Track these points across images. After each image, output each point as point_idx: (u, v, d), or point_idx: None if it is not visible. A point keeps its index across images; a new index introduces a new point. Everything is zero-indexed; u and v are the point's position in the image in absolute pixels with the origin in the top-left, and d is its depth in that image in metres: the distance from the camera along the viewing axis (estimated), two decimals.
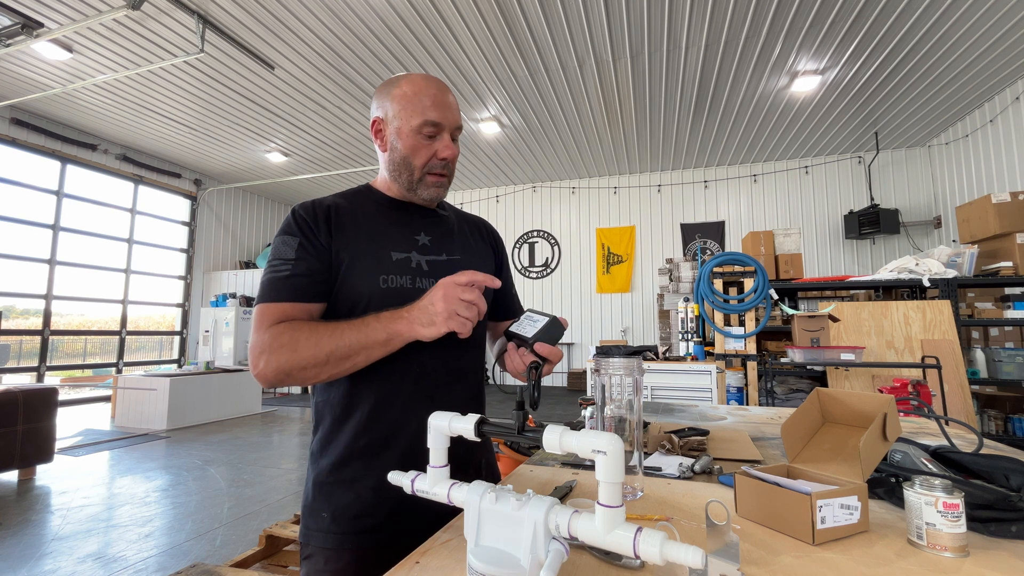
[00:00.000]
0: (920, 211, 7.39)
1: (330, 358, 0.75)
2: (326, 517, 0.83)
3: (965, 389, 2.80)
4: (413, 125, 0.87)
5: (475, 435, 0.62)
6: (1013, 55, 5.00)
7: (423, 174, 0.89)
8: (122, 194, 7.76)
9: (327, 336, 0.75)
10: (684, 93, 5.85)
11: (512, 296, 1.11)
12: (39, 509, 3.03)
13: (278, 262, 0.82)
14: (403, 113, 0.87)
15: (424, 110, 0.86)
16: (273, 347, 0.75)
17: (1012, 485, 0.72)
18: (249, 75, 5.43)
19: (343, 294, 0.84)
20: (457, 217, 1.05)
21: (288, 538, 2.22)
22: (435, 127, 0.87)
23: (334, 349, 0.75)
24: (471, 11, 4.40)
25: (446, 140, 0.89)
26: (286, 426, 5.68)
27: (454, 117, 0.89)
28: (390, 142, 0.90)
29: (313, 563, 0.83)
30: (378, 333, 0.76)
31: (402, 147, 0.88)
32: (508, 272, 1.12)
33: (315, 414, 0.90)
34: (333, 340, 0.75)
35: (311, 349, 0.75)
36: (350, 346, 0.75)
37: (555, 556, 0.49)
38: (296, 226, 0.85)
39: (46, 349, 6.67)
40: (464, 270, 0.76)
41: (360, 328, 0.76)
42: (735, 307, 3.30)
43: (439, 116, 0.87)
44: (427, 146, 0.88)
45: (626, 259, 8.72)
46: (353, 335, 0.75)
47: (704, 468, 0.95)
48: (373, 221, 0.90)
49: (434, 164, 0.89)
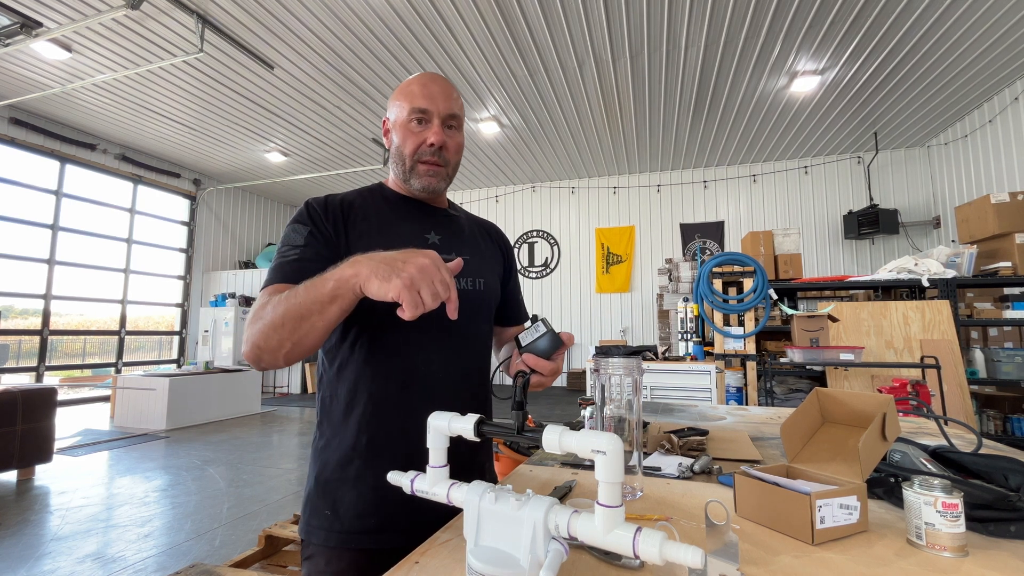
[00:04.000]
0: (919, 211, 7.40)
1: (285, 320, 0.69)
2: (328, 515, 0.83)
3: (964, 389, 2.81)
4: (403, 116, 0.89)
5: (475, 435, 0.62)
6: (1012, 55, 5.01)
7: (414, 162, 0.90)
8: (121, 194, 7.75)
9: (284, 298, 0.70)
10: (684, 93, 5.85)
11: (518, 302, 1.12)
12: (38, 509, 3.03)
13: (286, 248, 0.83)
14: (397, 107, 0.91)
15: (412, 98, 0.89)
16: (249, 320, 0.74)
17: (1011, 485, 0.72)
18: (248, 75, 5.43)
19: None
20: (468, 219, 1.06)
21: (287, 538, 2.21)
22: (423, 113, 0.88)
23: (287, 309, 0.69)
24: (471, 11, 4.40)
25: (435, 127, 0.89)
26: (285, 426, 5.67)
27: (444, 105, 0.89)
28: (392, 139, 0.93)
29: (314, 563, 0.83)
30: (325, 283, 0.68)
31: (397, 139, 0.91)
32: (516, 279, 1.12)
33: (319, 410, 0.90)
34: (287, 300, 0.70)
35: (270, 314, 0.70)
36: (301, 303, 0.69)
37: (554, 556, 0.49)
38: (308, 216, 0.86)
39: (45, 349, 6.67)
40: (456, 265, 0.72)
41: (312, 282, 0.69)
42: (734, 307, 3.30)
43: (426, 103, 0.88)
44: (416, 134, 0.89)
45: (625, 259, 8.72)
46: (303, 290, 0.69)
47: (703, 468, 0.95)
48: (384, 218, 0.91)
49: (423, 151, 0.89)
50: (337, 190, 5.07)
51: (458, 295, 0.68)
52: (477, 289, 0.94)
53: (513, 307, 1.10)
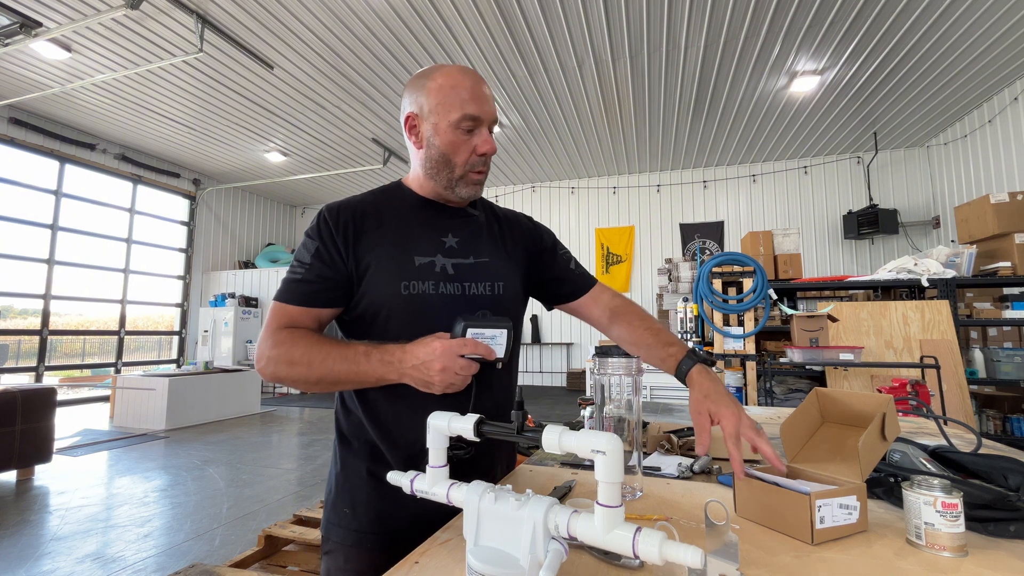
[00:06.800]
0: (919, 211, 7.40)
1: (321, 382, 0.78)
2: (347, 513, 0.83)
3: (964, 389, 2.81)
4: (451, 120, 0.83)
5: (474, 435, 0.62)
6: (1012, 55, 5.01)
7: (464, 171, 0.86)
8: (121, 194, 7.74)
9: (319, 361, 0.77)
10: (683, 93, 5.85)
11: (574, 277, 1.05)
12: (37, 509, 3.03)
13: (296, 264, 0.84)
14: (440, 108, 0.83)
15: (463, 103, 0.82)
16: (271, 355, 0.79)
17: (1010, 485, 0.72)
18: (248, 75, 5.43)
19: (367, 300, 0.83)
20: (489, 216, 1.00)
21: (287, 538, 2.21)
22: (474, 121, 0.83)
23: (324, 375, 0.77)
24: (470, 11, 4.39)
25: (484, 135, 0.85)
26: (285, 426, 5.67)
27: (492, 110, 0.86)
28: (426, 138, 0.86)
29: (333, 559, 0.83)
30: (367, 375, 0.77)
31: (440, 144, 0.84)
32: (562, 256, 1.05)
33: (340, 408, 0.90)
34: (324, 368, 0.77)
35: (303, 369, 0.77)
36: (337, 377, 0.77)
37: (554, 556, 0.49)
38: (317, 230, 0.84)
39: (45, 349, 6.66)
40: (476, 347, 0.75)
41: (351, 362, 0.77)
42: (734, 307, 3.30)
43: (478, 110, 0.83)
44: (466, 141, 0.84)
45: (625, 259, 8.73)
46: (343, 367, 0.77)
47: (703, 468, 0.95)
48: (400, 222, 0.88)
49: (474, 161, 0.86)
50: (337, 190, 5.10)
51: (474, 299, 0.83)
52: (495, 294, 0.90)
53: (570, 283, 1.04)
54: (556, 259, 1.04)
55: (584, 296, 1.04)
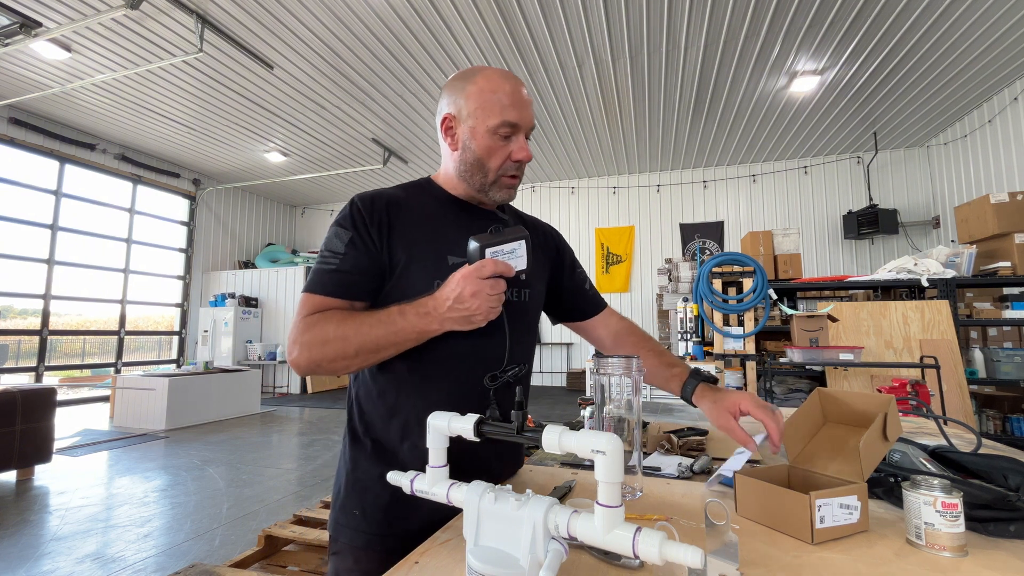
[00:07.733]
0: (919, 211, 7.40)
1: (359, 353, 0.76)
2: (356, 515, 0.82)
3: (964, 389, 2.81)
4: (489, 125, 0.82)
5: (474, 435, 0.62)
6: (1012, 55, 5.01)
7: (498, 176, 0.86)
8: (121, 194, 7.74)
9: (354, 331, 0.76)
10: (683, 93, 5.85)
11: (587, 296, 1.09)
12: (37, 509, 3.03)
13: (328, 254, 0.81)
14: (479, 112, 0.83)
15: (503, 109, 0.82)
16: (303, 339, 0.77)
17: (1010, 485, 0.72)
18: (248, 75, 5.43)
19: (397, 295, 0.82)
20: (517, 221, 1.01)
21: (287, 538, 2.22)
22: (512, 128, 0.83)
23: (362, 345, 0.76)
24: (471, 11, 4.39)
25: (521, 141, 0.84)
26: (285, 426, 5.67)
27: (530, 117, 0.85)
28: (462, 141, 0.85)
29: (342, 560, 0.83)
30: (407, 333, 0.76)
31: (476, 148, 0.84)
32: (578, 274, 1.09)
33: (352, 407, 0.89)
34: (360, 336, 0.76)
35: (339, 344, 0.76)
36: (377, 342, 0.76)
37: (554, 556, 0.49)
38: (351, 219, 0.82)
39: (44, 349, 6.66)
40: (495, 265, 0.73)
41: (387, 324, 0.76)
42: (734, 307, 3.30)
43: (517, 116, 0.83)
44: (502, 147, 0.84)
45: (625, 259, 8.72)
46: (381, 331, 0.76)
47: (703, 468, 0.95)
48: (433, 220, 0.87)
49: (508, 166, 0.85)
50: (337, 190, 5.12)
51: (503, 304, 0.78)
52: (522, 300, 0.91)
53: (584, 301, 1.07)
54: (575, 276, 1.08)
55: (594, 317, 1.08)
